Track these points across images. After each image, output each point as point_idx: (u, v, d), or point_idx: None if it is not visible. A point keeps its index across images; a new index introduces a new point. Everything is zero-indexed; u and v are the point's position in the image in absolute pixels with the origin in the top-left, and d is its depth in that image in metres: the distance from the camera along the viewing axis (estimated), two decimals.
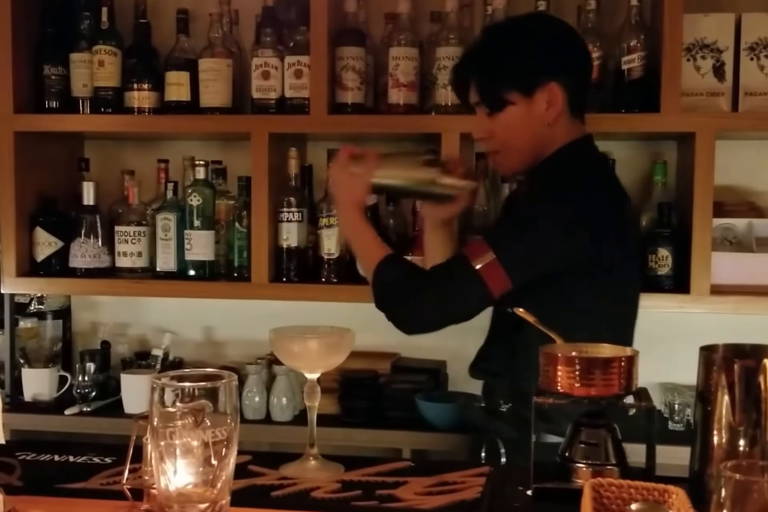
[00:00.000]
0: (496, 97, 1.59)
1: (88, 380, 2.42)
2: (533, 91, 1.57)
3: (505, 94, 1.58)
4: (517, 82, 1.58)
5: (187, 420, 0.97)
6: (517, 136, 1.61)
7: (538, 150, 1.62)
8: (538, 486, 1.12)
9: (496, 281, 1.48)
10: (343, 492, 1.15)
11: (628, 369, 1.11)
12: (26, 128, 2.35)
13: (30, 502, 1.09)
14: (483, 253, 1.49)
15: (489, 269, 1.47)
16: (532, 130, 1.60)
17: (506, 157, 1.65)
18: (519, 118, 1.59)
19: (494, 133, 1.63)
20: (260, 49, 2.30)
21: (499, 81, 1.59)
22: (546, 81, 1.57)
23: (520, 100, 1.58)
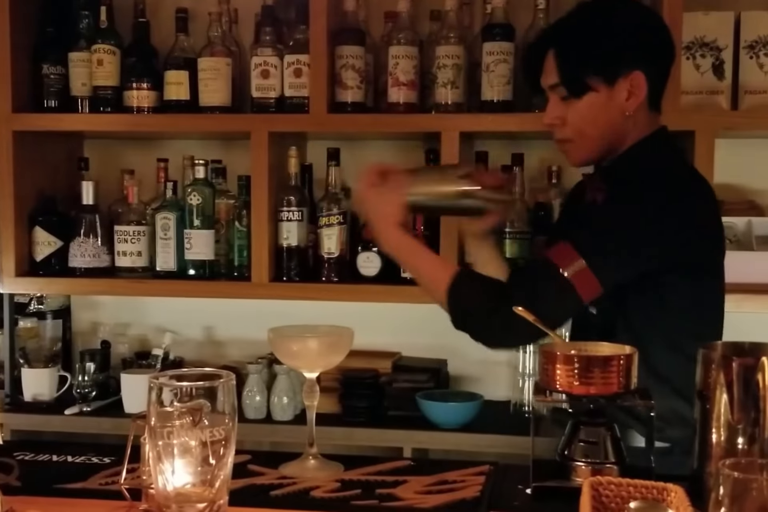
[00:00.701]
0: (577, 81, 1.50)
1: (88, 380, 2.42)
2: (616, 79, 1.49)
3: (586, 78, 1.49)
4: (601, 68, 1.49)
5: (185, 420, 0.97)
6: (593, 125, 1.52)
7: (612, 141, 1.54)
8: (537, 485, 1.12)
9: (588, 288, 1.40)
10: (342, 492, 1.15)
11: (627, 368, 1.10)
12: (25, 127, 2.35)
13: (28, 502, 1.09)
14: (572, 259, 1.40)
15: (580, 276, 1.39)
16: (610, 120, 1.51)
17: (578, 146, 1.56)
18: (599, 107, 1.50)
19: (567, 120, 1.53)
20: (260, 48, 2.30)
21: (583, 65, 1.49)
22: (630, 69, 1.48)
23: (601, 87, 1.49)
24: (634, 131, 1.54)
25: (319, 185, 2.40)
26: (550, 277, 1.41)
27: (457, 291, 1.48)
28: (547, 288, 1.42)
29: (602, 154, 1.56)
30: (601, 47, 1.50)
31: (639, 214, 1.44)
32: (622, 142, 1.54)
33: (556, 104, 1.54)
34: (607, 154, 1.56)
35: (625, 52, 1.50)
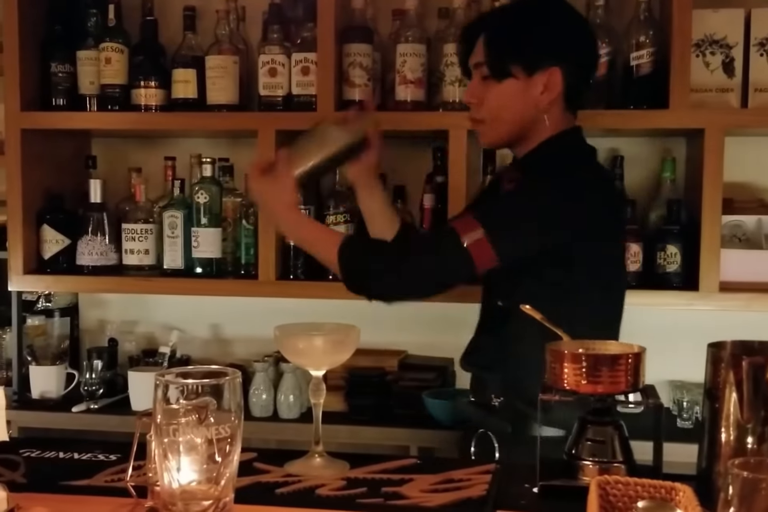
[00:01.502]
0: (500, 64, 1.57)
1: (96, 377, 2.42)
2: (535, 71, 1.55)
3: (510, 64, 1.56)
4: (524, 57, 1.56)
5: (191, 418, 0.97)
6: (507, 111, 1.59)
7: (523, 131, 1.60)
8: (544, 484, 1.11)
9: (484, 258, 1.48)
10: (348, 490, 1.14)
11: (635, 367, 1.10)
12: (33, 126, 2.35)
13: (34, 499, 1.09)
14: (473, 228, 1.47)
15: (478, 246, 1.47)
16: (523, 109, 1.58)
17: (490, 128, 1.63)
18: (514, 93, 1.57)
19: (485, 101, 1.60)
20: (267, 46, 2.29)
21: (508, 50, 1.57)
22: (549, 65, 1.55)
23: (521, 76, 1.56)
24: (548, 126, 1.59)
25: (326, 183, 2.40)
26: (449, 241, 1.49)
27: (346, 253, 1.55)
28: (445, 250, 1.50)
29: (511, 140, 1.63)
30: (528, 37, 1.57)
31: (542, 199, 1.52)
32: (534, 133, 1.60)
33: (477, 84, 1.61)
34: (516, 141, 1.63)
35: (549, 46, 1.57)
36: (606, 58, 2.17)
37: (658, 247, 2.15)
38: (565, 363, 1.10)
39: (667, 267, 2.14)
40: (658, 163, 2.35)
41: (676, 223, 2.17)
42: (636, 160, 2.38)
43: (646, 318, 2.34)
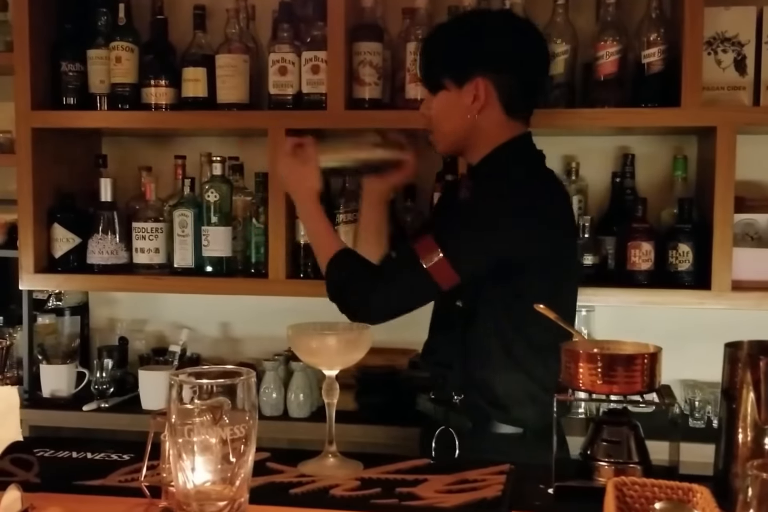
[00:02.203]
0: (432, 78, 1.67)
1: (106, 376, 2.42)
2: (463, 82, 1.63)
3: (440, 78, 1.65)
4: (449, 70, 1.64)
5: (205, 418, 0.97)
6: (445, 121, 1.67)
7: (464, 139, 1.68)
8: (560, 485, 1.10)
9: (445, 277, 1.54)
10: (362, 490, 1.14)
11: (651, 367, 1.09)
12: (44, 124, 2.35)
13: (48, 499, 1.09)
14: (432, 250, 1.54)
15: (438, 267, 1.53)
16: (458, 119, 1.65)
17: (437, 137, 1.72)
18: (449, 104, 1.65)
19: (429, 113, 1.70)
20: (277, 45, 2.29)
21: (436, 65, 1.67)
22: (475, 75, 1.61)
23: (452, 88, 1.64)
24: (490, 134, 1.66)
25: (336, 182, 2.39)
26: (410, 266, 1.56)
27: (335, 265, 1.66)
28: (406, 276, 1.59)
29: (458, 149, 1.73)
30: (450, 52, 1.65)
31: (495, 211, 1.58)
32: (480, 141, 1.66)
33: (427, 97, 1.72)
34: (464, 149, 1.71)
35: (470, 59, 1.64)
36: (617, 56, 2.16)
37: (669, 246, 2.14)
38: (581, 363, 1.09)
39: (678, 266, 2.13)
40: (669, 162, 2.34)
41: (687, 222, 2.16)
42: (647, 159, 2.37)
43: (658, 317, 2.34)
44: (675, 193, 2.26)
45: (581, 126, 2.19)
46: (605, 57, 2.16)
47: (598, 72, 2.18)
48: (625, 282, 2.16)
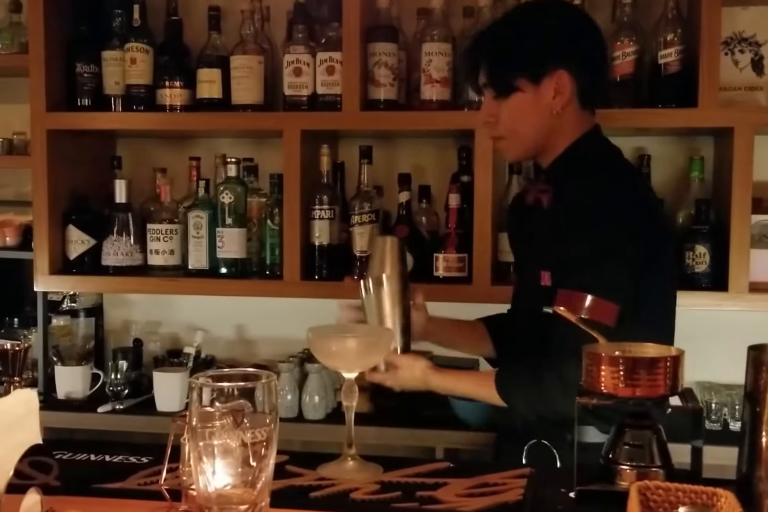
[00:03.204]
0: (503, 81, 1.55)
1: (121, 378, 2.42)
2: (541, 79, 1.53)
3: (512, 79, 1.54)
4: (525, 68, 1.54)
5: (226, 421, 0.96)
6: (523, 123, 1.57)
7: (544, 139, 1.58)
8: (581, 489, 1.10)
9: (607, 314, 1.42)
10: (382, 494, 1.13)
11: (674, 370, 1.08)
12: (59, 126, 2.36)
13: (67, 502, 1.09)
14: (580, 300, 1.42)
15: (596, 309, 1.41)
16: (539, 118, 1.56)
17: (511, 143, 1.61)
18: (526, 105, 1.55)
19: (500, 118, 1.58)
20: (292, 46, 2.29)
21: (508, 65, 1.55)
22: (554, 68, 1.53)
23: (527, 87, 1.54)
24: (568, 130, 1.58)
25: (351, 183, 2.39)
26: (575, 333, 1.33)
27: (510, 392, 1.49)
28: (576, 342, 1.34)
29: (536, 151, 1.61)
30: (522, 48, 1.54)
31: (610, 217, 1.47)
32: (556, 140, 1.58)
33: (490, 103, 1.59)
34: (542, 150, 1.60)
35: (548, 50, 1.54)
36: (633, 57, 2.15)
37: (686, 247, 2.13)
38: (603, 366, 1.08)
39: (696, 267, 2.12)
40: (685, 162, 2.33)
41: (704, 223, 2.14)
42: (663, 159, 2.36)
43: None
44: (691, 194, 2.25)
45: None
46: (622, 57, 2.15)
47: (614, 72, 2.17)
48: None
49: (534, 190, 1.65)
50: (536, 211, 1.61)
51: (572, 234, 1.50)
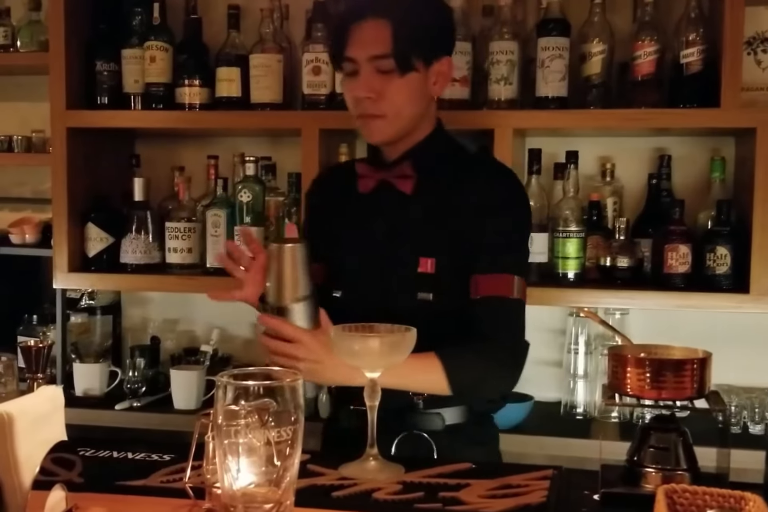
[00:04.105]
0: (407, 56, 1.47)
1: (138, 375, 2.43)
2: (432, 62, 1.51)
3: (413, 56, 1.48)
4: (425, 48, 1.49)
5: (251, 419, 0.96)
6: (410, 105, 1.51)
7: (413, 124, 1.54)
8: (606, 491, 1.09)
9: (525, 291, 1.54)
10: (404, 494, 1.13)
11: (701, 372, 1.07)
12: (78, 124, 2.36)
13: (91, 499, 1.09)
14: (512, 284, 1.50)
15: (522, 290, 1.52)
16: (422, 102, 1.53)
17: (389, 123, 1.51)
18: (417, 87, 1.51)
19: (386, 96, 1.49)
20: (311, 45, 2.28)
21: (416, 41, 1.48)
22: (444, 54, 1.54)
23: (421, 67, 1.50)
24: (429, 118, 1.58)
25: None
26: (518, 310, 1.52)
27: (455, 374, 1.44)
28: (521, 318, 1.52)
29: (402, 135, 1.55)
30: (433, 26, 1.52)
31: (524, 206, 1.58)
32: (419, 126, 1.56)
33: (373, 77, 1.49)
34: (405, 135, 1.55)
35: (447, 35, 1.55)
36: (654, 56, 2.14)
37: (707, 249, 2.12)
38: (629, 368, 1.08)
39: (716, 269, 2.11)
40: (705, 163, 2.31)
41: (725, 224, 2.13)
42: (683, 160, 2.34)
43: (692, 320, 2.31)
44: (712, 195, 2.23)
45: (618, 127, 2.17)
46: (643, 57, 2.14)
47: (635, 72, 2.16)
48: (661, 285, 2.13)
49: (385, 175, 1.58)
50: (393, 197, 1.57)
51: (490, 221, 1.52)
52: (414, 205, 1.56)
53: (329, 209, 1.69)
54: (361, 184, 1.60)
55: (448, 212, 1.54)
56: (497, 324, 1.49)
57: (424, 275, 1.51)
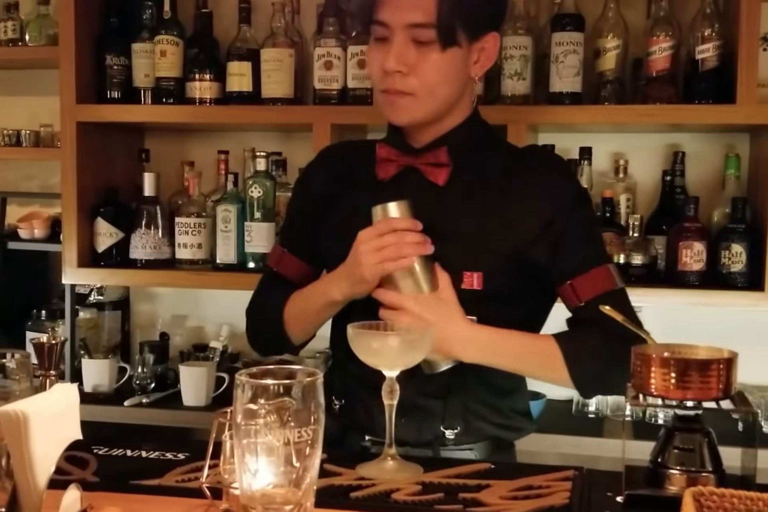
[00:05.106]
0: (452, 29, 1.29)
1: (147, 371, 2.42)
2: (478, 37, 1.33)
3: (459, 29, 1.30)
4: (472, 21, 1.31)
5: (270, 418, 0.95)
6: (445, 84, 1.33)
7: (449, 106, 1.36)
8: (630, 493, 1.07)
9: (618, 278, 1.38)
10: (424, 495, 1.11)
11: (727, 372, 1.05)
12: (88, 119, 2.35)
13: (106, 498, 1.07)
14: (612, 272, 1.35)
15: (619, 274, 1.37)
16: (460, 81, 1.35)
17: (420, 103, 1.33)
18: (457, 64, 1.32)
19: (418, 71, 1.31)
20: (322, 39, 2.27)
21: (465, 12, 1.29)
22: (490, 30, 1.35)
23: (464, 43, 1.32)
24: (467, 101, 1.40)
25: None
26: (627, 299, 1.36)
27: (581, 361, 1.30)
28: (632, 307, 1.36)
29: (433, 118, 1.37)
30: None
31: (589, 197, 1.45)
32: (456, 109, 1.38)
33: (408, 48, 1.30)
34: (439, 118, 1.37)
35: (497, 8, 1.38)
36: (669, 52, 2.12)
37: (722, 246, 2.10)
38: (653, 368, 1.06)
39: (731, 266, 2.09)
40: (720, 160, 2.29)
41: (741, 222, 2.11)
42: (697, 156, 2.32)
43: (705, 318, 2.29)
44: (727, 192, 2.22)
45: (632, 122, 2.15)
46: (657, 52, 2.12)
47: (649, 68, 2.14)
48: (676, 282, 2.11)
49: (413, 161, 1.39)
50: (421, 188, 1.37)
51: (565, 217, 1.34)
52: (448, 199, 1.36)
53: (334, 198, 1.47)
54: (380, 169, 1.40)
55: (496, 211, 1.35)
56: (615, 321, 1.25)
57: (468, 293, 1.32)
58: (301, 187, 1.59)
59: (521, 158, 1.43)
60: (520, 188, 1.36)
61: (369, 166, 1.42)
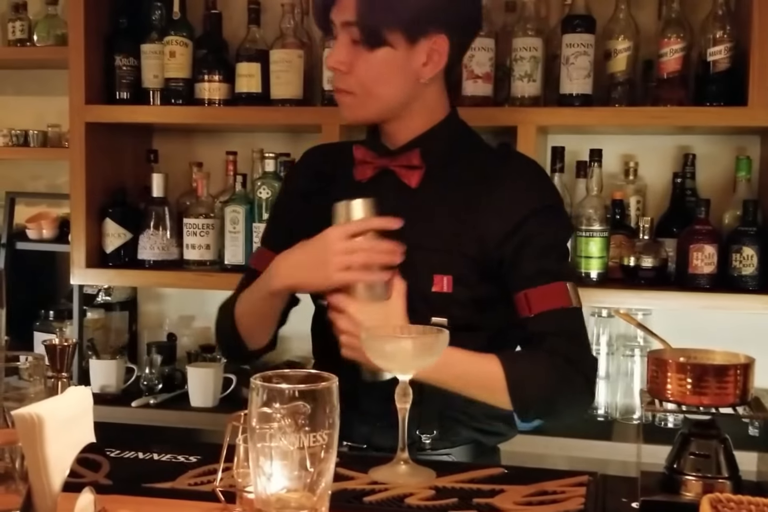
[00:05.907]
0: (375, 30, 1.28)
1: (155, 372, 2.42)
2: (418, 39, 1.31)
3: (387, 30, 1.28)
4: (406, 22, 1.29)
5: (284, 422, 0.94)
6: (382, 84, 1.32)
7: (401, 108, 1.35)
8: (646, 499, 1.06)
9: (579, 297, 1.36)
10: (438, 500, 1.10)
11: (744, 378, 1.05)
12: (97, 119, 2.34)
13: (119, 502, 1.07)
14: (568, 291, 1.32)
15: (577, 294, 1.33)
16: (403, 83, 1.33)
17: (360, 102, 1.34)
18: (392, 65, 1.31)
19: (354, 70, 1.32)
20: (331, 40, 2.25)
21: (388, 13, 1.28)
22: (436, 31, 1.31)
23: (400, 45, 1.30)
24: (430, 106, 1.38)
25: None
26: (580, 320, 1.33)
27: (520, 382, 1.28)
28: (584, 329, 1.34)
29: (381, 118, 1.37)
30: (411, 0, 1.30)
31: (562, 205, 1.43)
32: (415, 113, 1.37)
33: (345, 46, 1.32)
34: (392, 119, 1.37)
35: (436, 10, 1.31)
36: (681, 54, 2.11)
37: (733, 249, 2.09)
38: (670, 373, 1.05)
39: (743, 269, 2.08)
40: (730, 162, 2.28)
41: (752, 224, 2.10)
42: (708, 159, 2.31)
43: (715, 321, 2.28)
44: (738, 194, 2.20)
45: (643, 124, 2.14)
46: (669, 54, 2.11)
47: (660, 69, 2.13)
48: (686, 286, 2.10)
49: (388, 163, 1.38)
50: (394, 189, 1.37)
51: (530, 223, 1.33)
52: (421, 201, 1.36)
53: (315, 198, 1.46)
54: (357, 171, 1.41)
55: (466, 214, 1.35)
56: (561, 339, 1.29)
57: (439, 296, 1.33)
58: (284, 186, 1.64)
59: (496, 161, 1.43)
60: (492, 191, 1.36)
61: (348, 167, 1.43)
